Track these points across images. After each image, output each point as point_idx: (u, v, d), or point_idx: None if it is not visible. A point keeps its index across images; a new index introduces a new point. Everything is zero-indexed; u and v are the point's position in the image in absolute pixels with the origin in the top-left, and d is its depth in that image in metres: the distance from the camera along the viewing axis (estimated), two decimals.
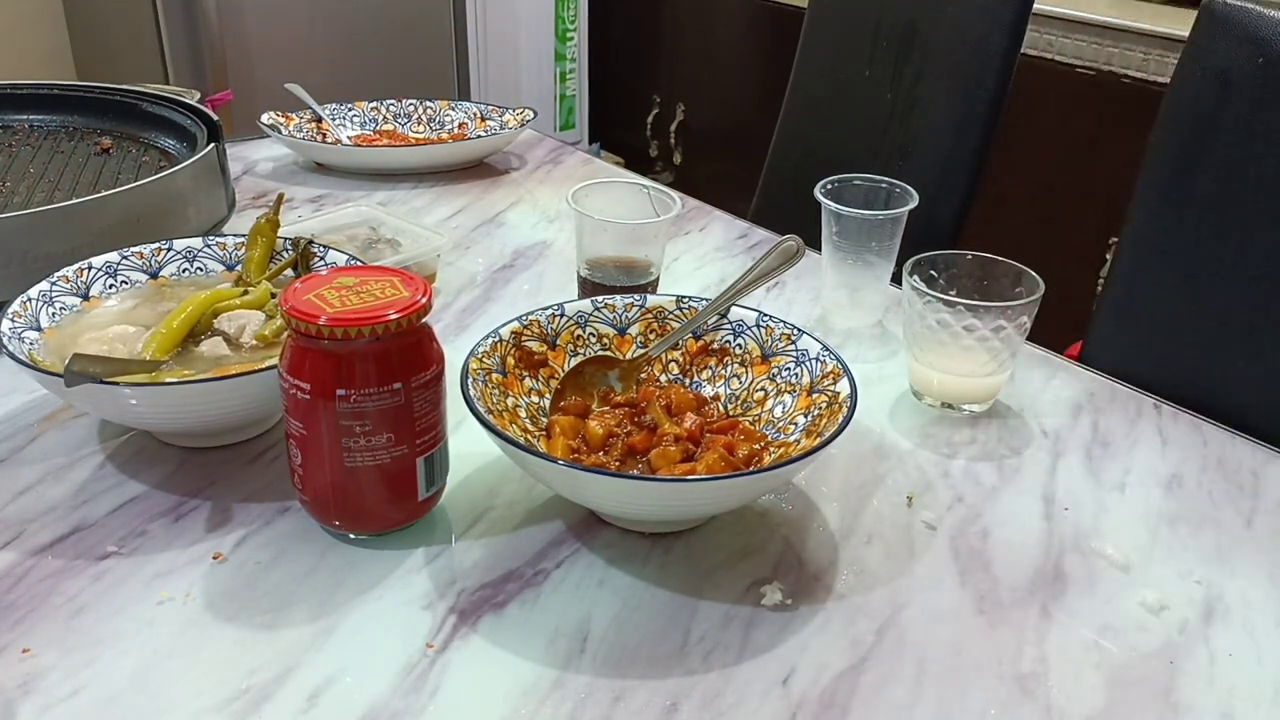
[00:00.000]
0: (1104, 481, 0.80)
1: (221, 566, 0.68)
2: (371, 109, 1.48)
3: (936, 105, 1.43)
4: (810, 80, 1.62)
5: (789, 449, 0.74)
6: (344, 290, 0.65)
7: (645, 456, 0.74)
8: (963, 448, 0.84)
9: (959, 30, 1.40)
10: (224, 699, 0.59)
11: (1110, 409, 0.90)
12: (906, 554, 0.72)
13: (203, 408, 0.73)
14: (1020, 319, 0.83)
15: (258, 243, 0.91)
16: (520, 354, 0.79)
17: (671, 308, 0.84)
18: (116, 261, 0.88)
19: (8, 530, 0.71)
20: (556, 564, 0.70)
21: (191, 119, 1.22)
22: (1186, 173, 1.07)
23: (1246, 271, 1.03)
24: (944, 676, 0.62)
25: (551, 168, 1.43)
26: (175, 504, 0.74)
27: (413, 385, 0.65)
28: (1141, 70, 2.01)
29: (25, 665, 0.60)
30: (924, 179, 1.17)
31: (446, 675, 0.61)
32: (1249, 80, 1.02)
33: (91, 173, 1.17)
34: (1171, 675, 0.63)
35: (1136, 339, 1.12)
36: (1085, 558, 0.72)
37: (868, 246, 0.97)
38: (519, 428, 0.75)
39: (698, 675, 0.61)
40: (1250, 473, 0.82)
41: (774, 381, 0.80)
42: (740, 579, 0.69)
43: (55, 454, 0.79)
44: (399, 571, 0.68)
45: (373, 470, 0.66)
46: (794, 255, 0.86)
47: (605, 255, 0.97)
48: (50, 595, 0.65)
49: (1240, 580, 0.71)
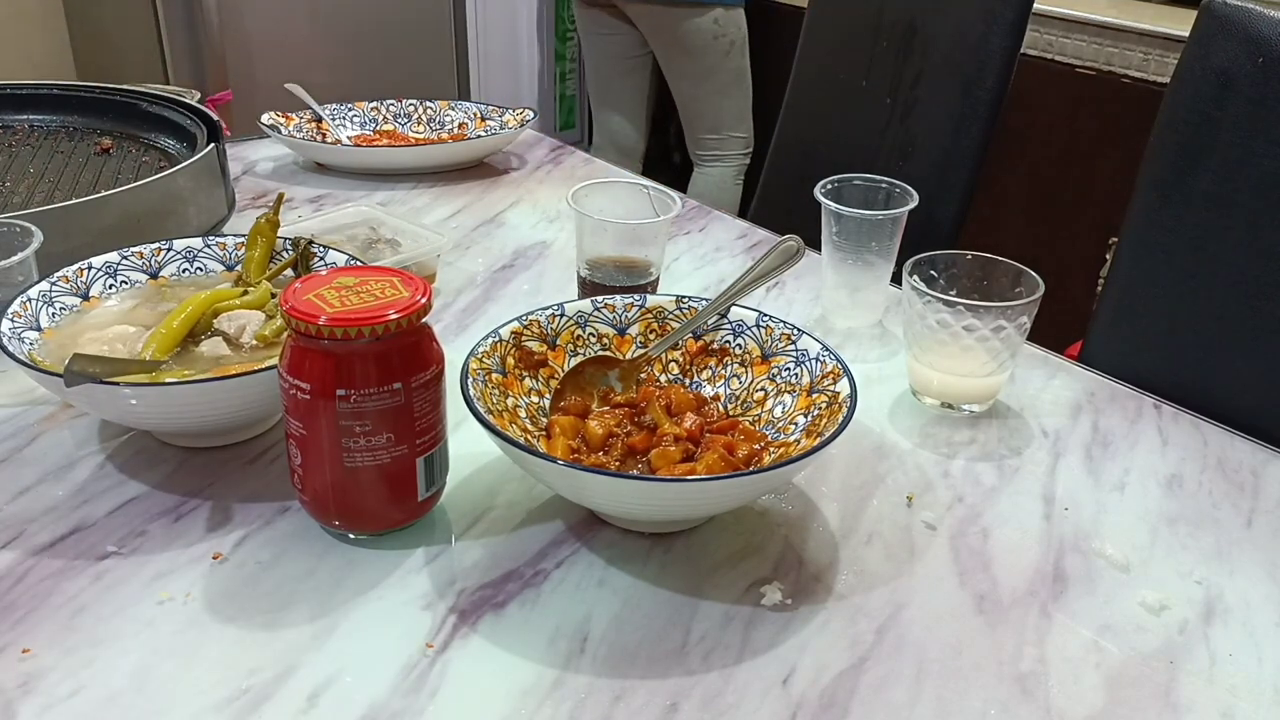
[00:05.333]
0: (1104, 481, 0.80)
1: (221, 566, 0.68)
2: (371, 109, 1.48)
3: (936, 105, 1.43)
4: (810, 80, 1.62)
5: (789, 449, 0.74)
6: (344, 290, 0.65)
7: (645, 456, 0.74)
8: (963, 448, 0.84)
9: (959, 30, 1.40)
10: (224, 699, 0.59)
11: (1110, 409, 0.90)
12: (906, 554, 0.72)
13: (203, 408, 0.73)
14: (1020, 319, 0.83)
15: (258, 243, 0.91)
16: (520, 354, 0.79)
17: (671, 308, 0.84)
18: (116, 261, 0.88)
19: (8, 530, 0.71)
20: (556, 564, 0.70)
21: (191, 119, 1.22)
22: (1187, 172, 1.07)
23: (1246, 271, 1.03)
24: (944, 676, 0.62)
25: (551, 168, 1.43)
26: (175, 504, 0.74)
27: (413, 385, 0.65)
28: (1141, 70, 2.01)
29: (25, 665, 0.60)
30: (924, 179, 1.17)
31: (446, 675, 0.61)
32: (1249, 80, 1.02)
33: (91, 173, 1.17)
34: (1171, 675, 0.63)
35: (1136, 339, 1.12)
36: (1085, 558, 0.72)
37: (868, 246, 0.97)
38: (519, 428, 0.75)
39: (698, 675, 0.61)
40: (1250, 473, 0.82)
41: (774, 381, 0.80)
42: (740, 579, 0.69)
43: (55, 454, 0.79)
44: (399, 571, 0.68)
45: (373, 470, 0.66)
46: (794, 255, 0.86)
47: (605, 255, 0.97)
48: (50, 595, 0.65)
49: (1240, 580, 0.71)
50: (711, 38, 2.49)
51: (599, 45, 2.73)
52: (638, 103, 2.78)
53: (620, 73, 2.74)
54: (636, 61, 2.71)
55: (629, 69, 2.72)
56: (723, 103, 2.59)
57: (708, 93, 2.59)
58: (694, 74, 2.57)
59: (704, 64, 2.54)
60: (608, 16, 2.63)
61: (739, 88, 2.59)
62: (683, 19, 2.47)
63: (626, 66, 2.72)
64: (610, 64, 2.74)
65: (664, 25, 2.52)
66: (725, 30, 2.49)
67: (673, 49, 2.55)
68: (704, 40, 2.49)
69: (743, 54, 2.55)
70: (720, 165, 2.68)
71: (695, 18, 2.47)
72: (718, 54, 2.52)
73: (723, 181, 2.67)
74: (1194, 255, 1.07)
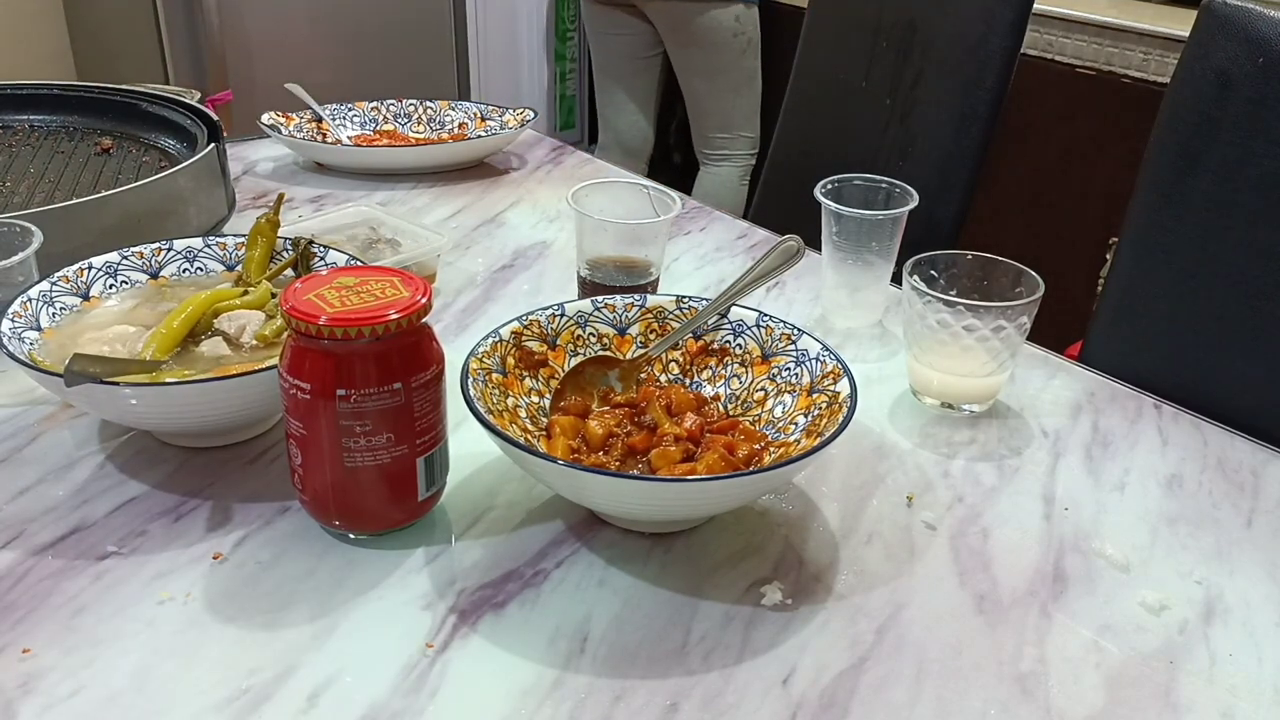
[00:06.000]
0: (1104, 481, 0.80)
1: (221, 566, 0.68)
2: (371, 109, 1.48)
3: (936, 105, 1.43)
4: (810, 80, 1.62)
5: (789, 449, 0.74)
6: (344, 290, 0.65)
7: (645, 456, 0.74)
8: (963, 448, 0.84)
9: (959, 30, 1.40)
10: (224, 699, 0.59)
11: (1110, 409, 0.90)
12: (906, 554, 0.72)
13: (203, 408, 0.73)
14: (1020, 319, 0.83)
15: (258, 243, 0.91)
16: (520, 354, 0.79)
17: (671, 308, 0.84)
18: (116, 261, 0.88)
19: (8, 530, 0.71)
20: (556, 564, 0.70)
21: (191, 119, 1.22)
22: (1186, 172, 1.07)
23: (1246, 271, 1.03)
24: (944, 676, 0.62)
25: (551, 168, 1.43)
26: (175, 504, 0.74)
27: (413, 385, 0.65)
28: (1141, 70, 2.01)
29: (25, 665, 0.60)
30: (924, 179, 1.17)
31: (446, 675, 0.61)
32: (1249, 80, 1.02)
33: (91, 173, 1.17)
34: (1171, 675, 0.63)
35: (1136, 339, 1.12)
36: (1085, 558, 0.72)
37: (868, 246, 0.97)
38: (519, 428, 0.75)
39: (698, 675, 0.61)
40: (1250, 473, 0.82)
41: (774, 381, 0.80)
42: (740, 579, 0.69)
43: (55, 454, 0.79)
44: (399, 571, 0.68)
45: (373, 470, 0.66)
46: (794, 255, 0.86)
47: (605, 255, 0.97)
48: (50, 595, 0.65)
49: (1240, 580, 0.71)
50: (731, 35, 2.50)
51: (609, 45, 2.72)
52: (646, 103, 2.78)
53: (630, 73, 2.73)
54: (646, 62, 2.71)
55: (639, 69, 2.72)
56: (735, 101, 2.60)
57: (721, 90, 2.59)
58: (709, 70, 2.57)
59: (720, 60, 2.54)
60: (622, 15, 2.63)
61: (750, 87, 2.60)
62: (704, 12, 2.48)
63: (636, 66, 2.72)
64: (620, 64, 2.73)
65: (684, 20, 2.52)
66: (744, 28, 2.51)
67: (690, 45, 2.55)
68: (723, 36, 2.50)
69: (756, 54, 2.57)
70: (728, 165, 2.68)
71: (715, 11, 2.48)
72: (734, 51, 2.53)
73: (729, 181, 2.68)
74: (1194, 255, 1.07)
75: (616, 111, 2.81)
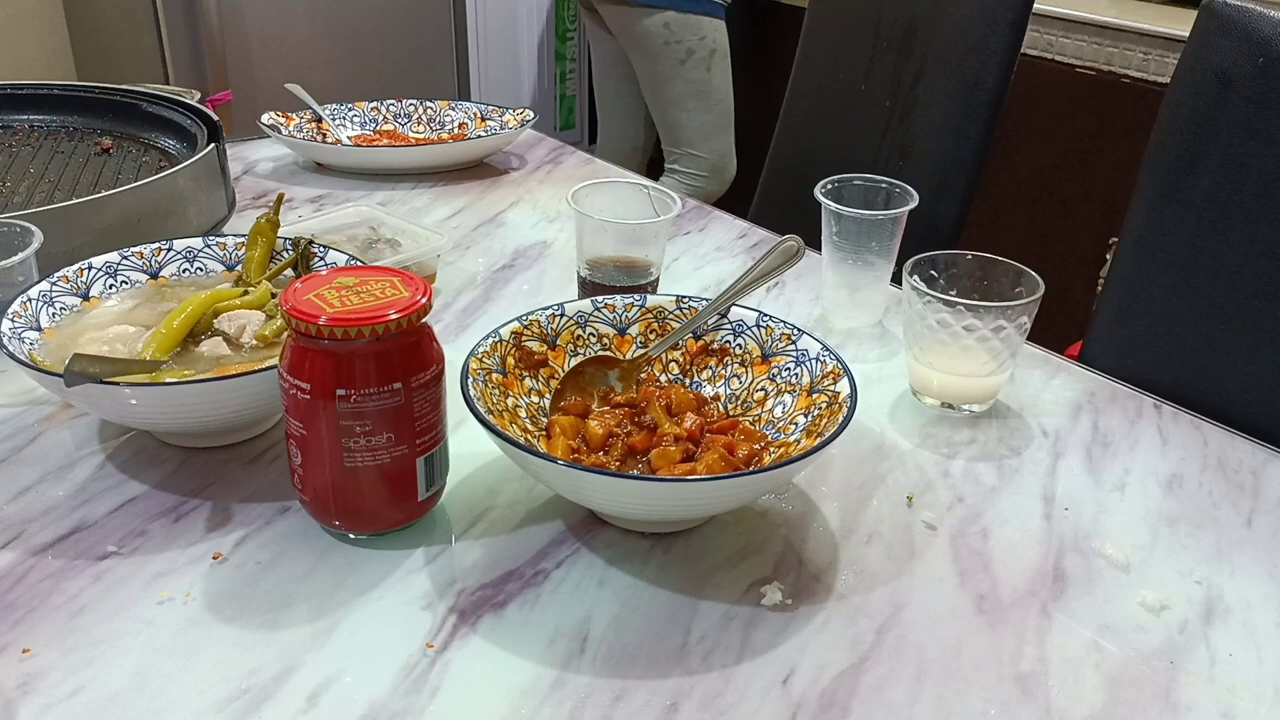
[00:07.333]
0: (1104, 481, 0.80)
1: (221, 566, 0.68)
2: (371, 109, 1.48)
3: (937, 105, 1.43)
4: (810, 80, 1.62)
5: (789, 449, 0.74)
6: (344, 290, 0.65)
7: (645, 456, 0.74)
8: (963, 448, 0.84)
9: (959, 30, 1.40)
10: (224, 699, 0.59)
11: (1110, 409, 0.90)
12: (906, 554, 0.72)
13: (203, 408, 0.73)
14: (1020, 319, 0.83)
15: (258, 243, 0.91)
16: (520, 354, 0.79)
17: (671, 308, 0.84)
18: (116, 261, 0.88)
19: (8, 530, 0.71)
20: (556, 564, 0.70)
21: (191, 119, 1.22)
22: (1186, 172, 1.07)
23: (1246, 272, 1.03)
24: (944, 676, 0.62)
25: (551, 168, 1.43)
26: (175, 504, 0.74)
27: (413, 385, 0.65)
28: (1141, 70, 2.01)
29: (25, 665, 0.60)
30: (924, 179, 1.17)
31: (446, 675, 0.61)
32: (1249, 80, 1.02)
33: (91, 173, 1.17)
34: (1171, 675, 0.63)
35: (1136, 339, 1.12)
36: (1085, 558, 0.72)
37: (868, 246, 0.97)
38: (519, 428, 0.75)
39: (698, 675, 0.61)
40: (1250, 473, 0.82)
41: (774, 381, 0.80)
42: (740, 579, 0.69)
43: (55, 454, 0.79)
44: (399, 571, 0.68)
45: (373, 470, 0.66)
46: (794, 255, 0.86)
47: (605, 255, 0.97)
48: (50, 595, 0.65)
49: (1240, 580, 0.71)
50: (662, 43, 2.37)
51: (599, 51, 2.67)
52: (636, 110, 2.70)
53: (618, 78, 2.68)
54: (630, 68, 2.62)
55: (626, 74, 2.64)
56: (680, 116, 2.46)
57: (662, 102, 2.47)
58: (649, 79, 2.47)
59: (657, 70, 2.42)
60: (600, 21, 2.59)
61: (700, 103, 2.43)
62: (636, 19, 2.37)
63: (623, 73, 2.65)
64: (609, 69, 2.68)
65: (623, 25, 2.43)
66: (679, 36, 2.35)
67: (633, 51, 2.47)
68: (655, 44, 2.38)
69: (707, 68, 2.39)
70: (674, 179, 2.53)
71: (645, 19, 2.36)
72: (671, 62, 2.39)
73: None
74: (1194, 255, 1.07)
75: (611, 117, 2.77)
